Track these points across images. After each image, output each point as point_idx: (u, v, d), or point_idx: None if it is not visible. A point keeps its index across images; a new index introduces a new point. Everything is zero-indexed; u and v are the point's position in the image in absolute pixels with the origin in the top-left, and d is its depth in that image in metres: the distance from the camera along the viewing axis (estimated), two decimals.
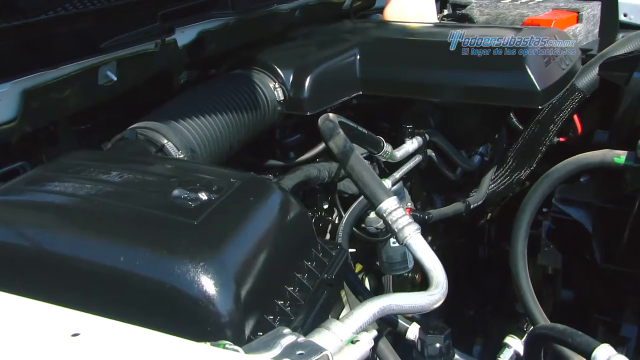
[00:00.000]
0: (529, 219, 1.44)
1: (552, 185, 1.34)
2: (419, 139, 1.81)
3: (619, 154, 1.18)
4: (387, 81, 1.83)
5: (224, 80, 1.70)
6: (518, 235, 1.53)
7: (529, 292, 1.50)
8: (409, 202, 1.85)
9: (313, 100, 1.74)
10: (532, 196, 1.42)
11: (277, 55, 1.81)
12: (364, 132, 1.51)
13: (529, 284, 1.52)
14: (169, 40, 1.76)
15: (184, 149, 1.40)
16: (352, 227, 1.59)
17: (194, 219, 0.98)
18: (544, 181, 1.32)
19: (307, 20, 2.24)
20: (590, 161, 1.22)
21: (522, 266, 1.50)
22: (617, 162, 1.17)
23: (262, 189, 1.13)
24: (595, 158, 1.22)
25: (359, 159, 1.24)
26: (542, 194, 1.38)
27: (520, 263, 1.50)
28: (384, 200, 1.16)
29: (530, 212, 1.43)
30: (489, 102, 1.72)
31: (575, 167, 1.26)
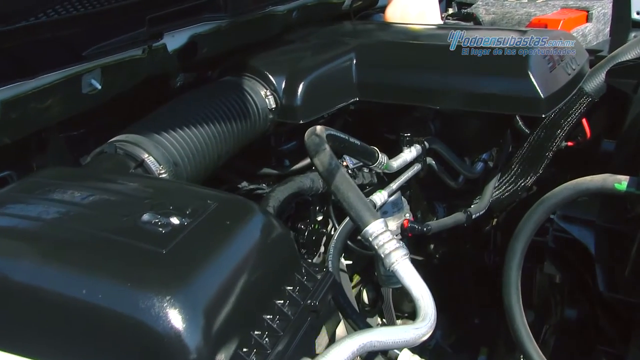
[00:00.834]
0: (522, 248, 1.35)
1: (548, 212, 1.25)
2: (417, 147, 1.74)
3: (620, 179, 1.09)
4: (385, 87, 1.75)
5: (212, 88, 1.63)
6: (511, 265, 1.42)
7: (522, 327, 1.41)
8: (408, 213, 1.77)
9: (306, 108, 1.67)
10: (525, 224, 1.33)
11: (269, 60, 1.74)
12: (357, 143, 1.44)
13: (523, 318, 1.43)
14: (157, 46, 1.70)
15: (166, 162, 1.34)
16: (344, 241, 1.52)
17: (162, 246, 0.92)
18: (538, 208, 1.24)
19: (305, 21, 2.17)
20: (589, 187, 1.14)
21: (516, 299, 1.41)
22: (617, 189, 1.08)
23: (240, 212, 1.06)
24: (594, 183, 1.13)
25: (344, 177, 1.17)
26: (536, 221, 1.30)
27: (514, 296, 1.40)
28: (370, 223, 1.09)
29: (523, 241, 1.34)
30: (489, 110, 1.64)
31: (572, 193, 1.18)
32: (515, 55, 1.63)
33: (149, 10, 1.67)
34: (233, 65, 1.75)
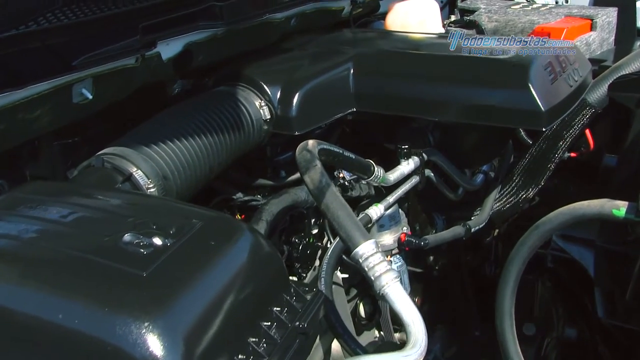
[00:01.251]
0: (516, 275, 1.30)
1: (542, 238, 1.20)
2: (415, 159, 1.70)
3: (619, 205, 1.05)
4: (382, 97, 1.71)
5: (205, 99, 1.60)
6: (505, 292, 1.35)
7: (516, 357, 1.36)
8: (405, 227, 1.74)
9: (302, 119, 1.64)
10: (519, 250, 1.28)
11: (264, 70, 1.71)
12: (351, 157, 1.40)
13: (517, 348, 1.37)
14: (151, 54, 1.67)
15: (155, 176, 1.31)
16: (338, 257, 1.49)
17: (143, 269, 0.89)
18: (533, 233, 1.19)
19: (304, 29, 2.13)
20: (586, 212, 1.09)
21: (509, 328, 1.35)
22: (616, 215, 1.04)
23: (226, 231, 1.03)
24: (591, 209, 1.09)
25: (335, 196, 1.14)
26: (530, 247, 1.25)
27: (507, 324, 1.35)
28: (361, 244, 1.05)
29: (517, 268, 1.29)
30: (489, 123, 1.60)
31: (568, 218, 1.14)
32: (515, 67, 1.59)
33: (143, 19, 1.64)
34: (227, 75, 1.72)
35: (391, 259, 1.71)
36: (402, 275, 1.74)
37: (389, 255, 1.70)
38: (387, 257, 1.69)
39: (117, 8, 1.63)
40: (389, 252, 1.69)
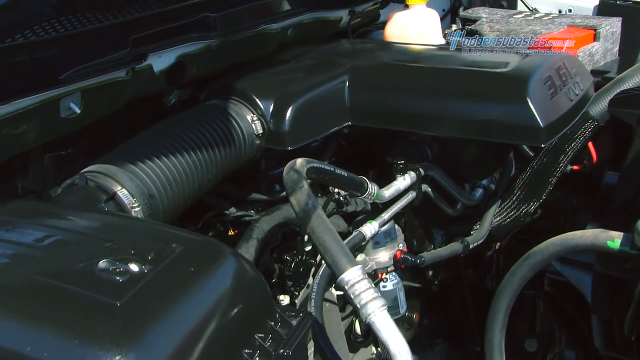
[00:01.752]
0: (506, 307, 1.25)
1: (534, 269, 1.15)
2: (412, 174, 1.66)
3: (613, 236, 1.00)
4: (378, 111, 1.68)
5: (194, 113, 1.56)
6: (494, 324, 1.30)
7: None
8: (401, 243, 1.69)
9: (295, 134, 1.60)
10: (510, 281, 1.23)
11: (257, 83, 1.67)
12: (343, 174, 1.37)
13: None
14: (142, 67, 1.64)
15: (140, 195, 1.28)
16: (329, 277, 1.44)
17: (117, 298, 0.85)
18: (524, 264, 1.15)
19: (301, 39, 2.10)
20: (578, 243, 1.05)
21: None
22: (610, 247, 0.99)
23: (208, 256, 0.99)
24: (584, 240, 1.04)
25: (321, 219, 1.10)
26: (521, 278, 1.20)
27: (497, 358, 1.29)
28: (347, 270, 1.02)
29: (508, 299, 1.24)
30: (486, 138, 1.56)
31: (560, 249, 1.09)
32: (514, 81, 1.55)
33: (134, 31, 1.61)
34: (219, 88, 1.69)
35: (387, 276, 1.67)
36: (398, 292, 1.70)
37: (385, 272, 1.65)
38: (383, 274, 1.66)
39: (108, 20, 1.60)
40: (385, 269, 1.65)
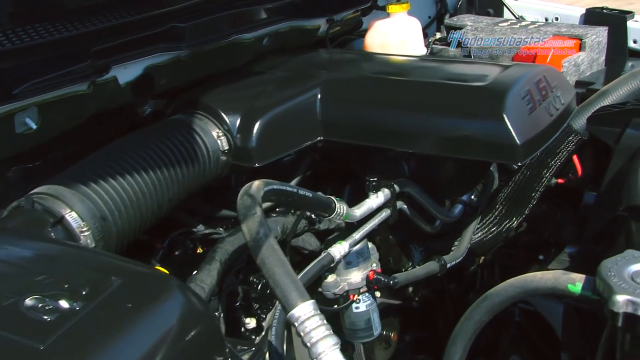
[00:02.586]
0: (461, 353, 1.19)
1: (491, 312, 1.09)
2: (385, 191, 1.59)
3: (575, 279, 0.94)
4: (350, 126, 1.61)
5: (156, 129, 1.50)
6: None
7: None
8: (375, 263, 1.63)
9: (262, 150, 1.54)
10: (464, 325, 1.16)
11: (224, 96, 1.61)
12: (308, 195, 1.30)
13: None
14: (105, 80, 1.58)
15: (91, 218, 1.21)
16: None
17: (41, 340, 0.79)
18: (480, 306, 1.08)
19: (278, 48, 2.04)
20: (538, 286, 0.98)
21: None
22: (571, 291, 0.93)
23: (150, 291, 0.93)
24: (544, 283, 0.98)
25: (272, 250, 1.03)
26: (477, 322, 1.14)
27: None
28: (297, 306, 0.95)
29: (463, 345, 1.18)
30: (461, 156, 1.50)
31: (520, 291, 1.02)
32: (490, 96, 1.49)
33: (96, 42, 1.55)
34: (185, 102, 1.62)
35: (360, 297, 1.60)
36: (371, 314, 1.63)
37: (357, 293, 1.59)
38: (355, 296, 1.59)
39: (68, 31, 1.54)
40: (357, 290, 1.59)
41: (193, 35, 1.74)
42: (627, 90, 1.81)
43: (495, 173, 1.99)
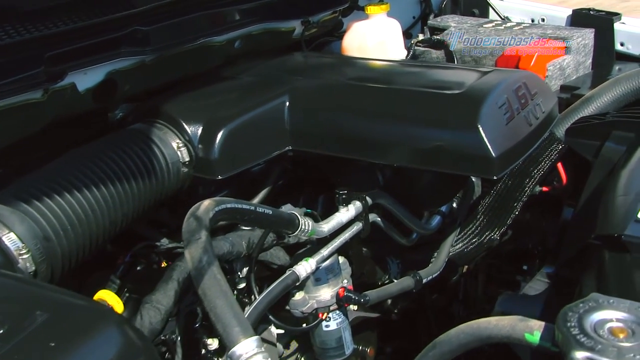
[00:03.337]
0: None
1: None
2: (357, 204, 1.51)
3: (532, 328, 0.85)
4: (319, 136, 1.53)
5: (110, 140, 1.41)
6: None
7: None
8: (346, 279, 1.55)
9: (225, 161, 1.46)
10: None
11: (186, 105, 1.53)
12: (267, 212, 1.22)
13: None
14: (61, 86, 1.50)
15: (32, 239, 1.13)
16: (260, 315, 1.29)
17: None
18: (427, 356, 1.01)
19: (251, 51, 1.96)
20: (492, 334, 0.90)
21: None
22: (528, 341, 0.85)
23: (79, 327, 0.85)
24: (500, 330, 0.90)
25: (215, 280, 0.96)
26: None
27: None
28: (239, 343, 0.87)
29: None
30: (434, 168, 1.42)
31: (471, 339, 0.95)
32: (465, 104, 1.41)
33: (50, 47, 1.47)
34: (145, 110, 1.54)
35: (330, 315, 1.53)
36: (342, 332, 1.56)
37: (327, 312, 1.51)
38: (324, 314, 1.52)
39: (19, 36, 1.45)
40: (327, 308, 1.51)
41: (158, 38, 1.66)
42: (611, 97, 1.74)
43: (476, 182, 1.91)
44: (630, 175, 1.20)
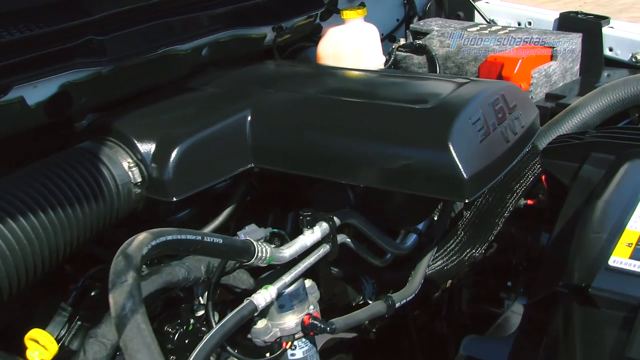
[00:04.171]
0: None
1: None
2: (323, 225, 1.41)
3: None
4: (283, 153, 1.44)
5: (53, 161, 1.31)
6: None
7: None
8: (312, 306, 1.46)
9: (180, 182, 1.37)
10: None
11: (140, 120, 1.43)
12: (217, 241, 1.13)
13: None
14: (7, 101, 1.41)
15: None
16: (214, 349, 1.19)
17: None
18: None
19: (221, 59, 1.86)
20: None
21: None
22: None
23: None
24: None
25: (139, 330, 0.86)
26: None
27: None
28: None
29: None
30: (402, 189, 1.33)
31: None
32: (435, 121, 1.31)
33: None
34: (96, 127, 1.45)
35: (296, 342, 1.44)
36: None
37: (291, 340, 1.42)
38: (288, 343, 1.43)
39: None
40: (292, 336, 1.42)
41: (115, 48, 1.56)
42: (597, 108, 1.65)
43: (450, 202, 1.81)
44: (605, 208, 1.10)
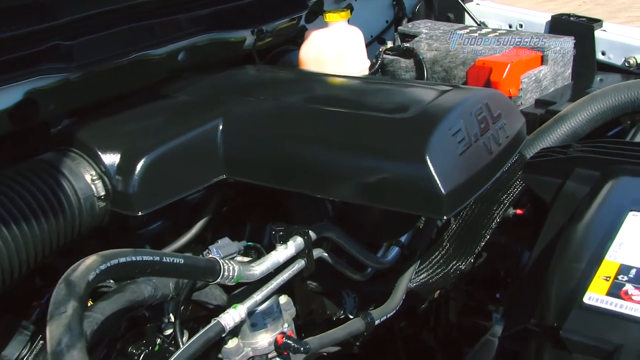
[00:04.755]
0: None
1: None
2: (298, 240, 1.35)
3: None
4: (255, 164, 1.37)
5: (13, 173, 1.24)
6: None
7: None
8: (286, 324, 1.39)
9: (146, 195, 1.30)
10: None
11: (104, 131, 1.37)
12: (179, 262, 1.06)
13: None
14: None
15: None
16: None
17: None
18: None
19: (198, 64, 1.80)
20: None
21: None
22: None
23: None
24: None
25: None
26: None
27: None
28: None
29: None
30: (378, 205, 1.26)
31: None
32: (412, 132, 1.24)
33: None
34: (59, 137, 1.38)
35: None
36: None
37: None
38: None
39: None
40: (265, 356, 1.35)
41: (83, 53, 1.50)
42: (587, 116, 1.59)
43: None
44: (585, 233, 1.03)
